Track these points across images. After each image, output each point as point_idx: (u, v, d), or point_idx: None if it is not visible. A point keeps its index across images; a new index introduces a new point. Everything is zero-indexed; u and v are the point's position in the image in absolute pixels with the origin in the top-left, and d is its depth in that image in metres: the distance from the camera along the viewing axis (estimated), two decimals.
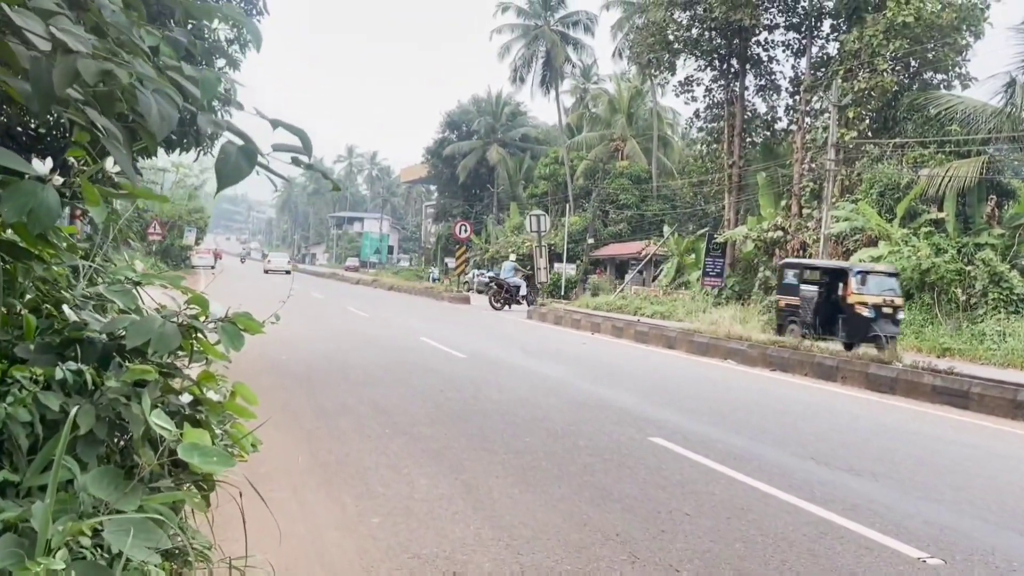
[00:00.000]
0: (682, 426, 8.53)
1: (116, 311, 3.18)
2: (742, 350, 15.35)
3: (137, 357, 2.92)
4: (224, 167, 1.81)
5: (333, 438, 7.30)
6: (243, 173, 1.84)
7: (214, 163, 1.84)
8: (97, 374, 2.75)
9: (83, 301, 3.14)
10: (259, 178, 2.25)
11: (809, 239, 30.58)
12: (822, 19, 33.79)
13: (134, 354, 2.88)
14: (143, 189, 2.75)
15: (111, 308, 3.25)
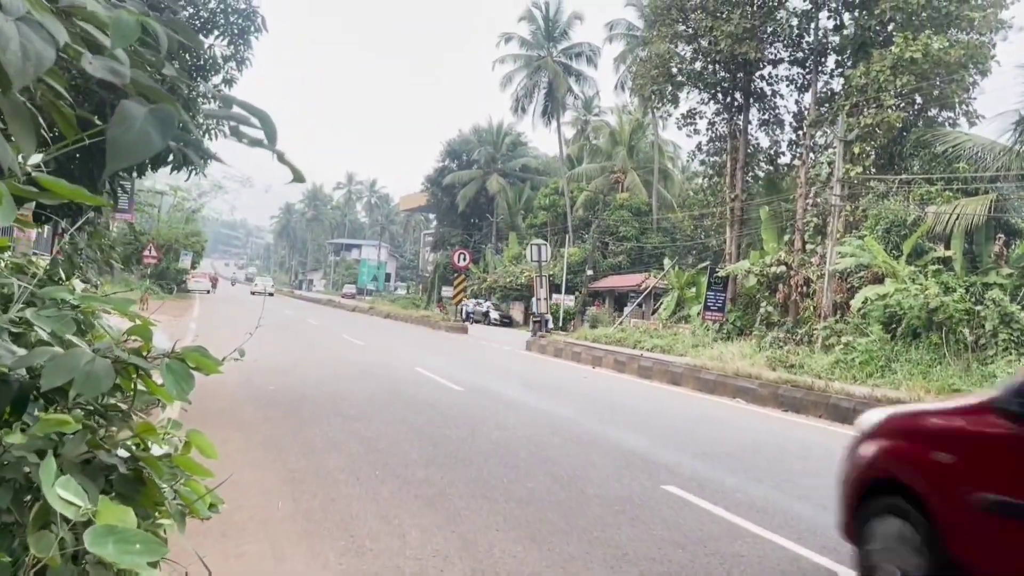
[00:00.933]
0: (697, 472, 7.90)
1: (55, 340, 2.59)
2: (752, 389, 14.73)
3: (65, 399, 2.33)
4: (122, 135, 1.24)
5: (319, 480, 6.66)
6: (152, 145, 1.26)
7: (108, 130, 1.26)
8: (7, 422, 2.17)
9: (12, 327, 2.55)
10: (259, 202, 1.78)
11: (813, 274, 30.08)
12: (826, 55, 33.57)
13: (63, 396, 2.29)
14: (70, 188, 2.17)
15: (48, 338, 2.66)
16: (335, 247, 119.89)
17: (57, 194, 2.15)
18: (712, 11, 33.01)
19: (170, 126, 1.26)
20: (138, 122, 1.19)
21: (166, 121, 1.26)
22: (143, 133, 1.19)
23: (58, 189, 2.13)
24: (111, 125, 1.19)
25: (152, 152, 1.22)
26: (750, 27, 31.88)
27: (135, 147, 1.17)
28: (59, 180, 2.11)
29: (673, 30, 34.97)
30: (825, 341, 25.71)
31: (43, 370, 2.13)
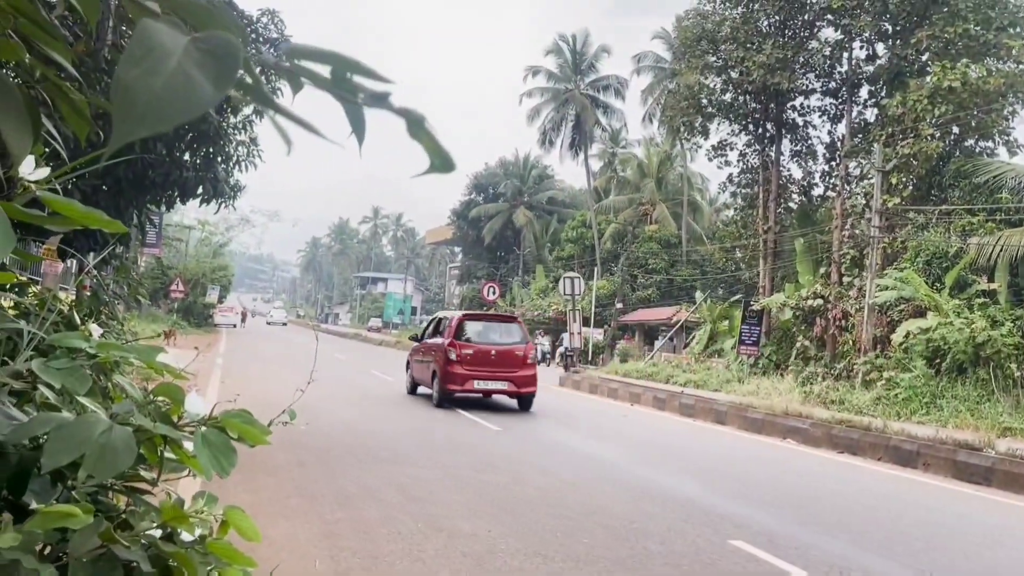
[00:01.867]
0: (764, 525, 7.30)
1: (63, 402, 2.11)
2: (803, 428, 14.05)
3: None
4: (144, 79, 0.68)
5: (358, 534, 6.14)
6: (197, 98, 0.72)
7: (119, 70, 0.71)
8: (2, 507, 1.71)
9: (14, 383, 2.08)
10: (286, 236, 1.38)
11: (851, 308, 29.35)
12: (860, 85, 33.09)
13: (74, 469, 1.82)
14: (83, 210, 1.69)
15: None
16: (361, 281, 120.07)
17: (68, 218, 1.67)
18: (743, 42, 32.67)
19: (229, 68, 0.75)
20: (173, 57, 0.67)
21: (224, 59, 0.74)
22: (181, 77, 0.66)
23: (69, 212, 1.65)
24: (124, 61, 0.67)
25: (196, 110, 0.69)
26: (783, 57, 31.49)
27: (166, 102, 0.64)
28: (71, 201, 1.63)
29: (703, 61, 34.64)
30: (866, 376, 24.93)
31: (46, 444, 1.66)
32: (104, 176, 8.93)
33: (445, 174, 0.89)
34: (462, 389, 16.53)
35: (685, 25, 35.67)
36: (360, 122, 1.16)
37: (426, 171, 0.88)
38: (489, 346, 16.86)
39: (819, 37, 32.89)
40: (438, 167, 0.87)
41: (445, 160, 0.87)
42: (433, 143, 0.86)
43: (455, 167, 0.89)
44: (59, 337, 2.24)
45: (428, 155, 0.87)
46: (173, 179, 9.03)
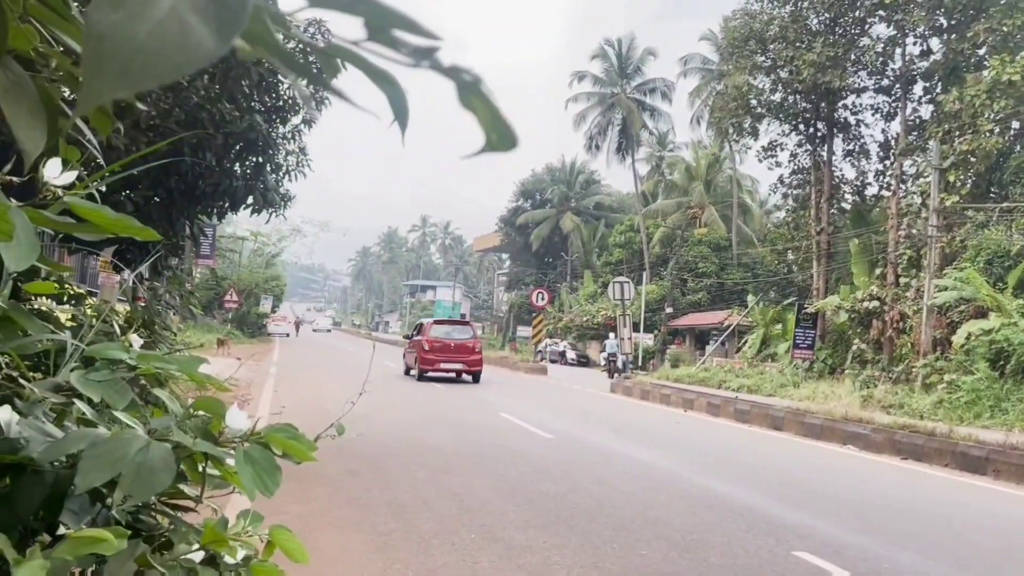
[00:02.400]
0: (829, 535, 7.02)
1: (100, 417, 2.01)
2: (864, 434, 13.63)
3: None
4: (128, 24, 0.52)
5: (412, 546, 6.03)
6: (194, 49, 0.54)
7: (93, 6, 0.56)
8: (35, 530, 1.62)
9: (51, 396, 1.98)
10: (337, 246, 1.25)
11: (908, 309, 28.64)
12: (914, 81, 32.32)
13: (113, 486, 1.71)
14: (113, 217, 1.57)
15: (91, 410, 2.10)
16: (410, 289, 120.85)
17: (97, 226, 1.56)
18: (793, 41, 32.16)
19: (236, 12, 0.59)
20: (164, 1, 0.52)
21: (227, 3, 0.58)
22: (174, 24, 0.51)
23: (98, 219, 1.53)
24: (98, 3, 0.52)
25: (192, 64, 0.54)
26: (833, 55, 30.90)
27: (154, 53, 0.50)
28: (99, 207, 1.51)
29: (751, 62, 34.18)
30: (926, 379, 24.29)
31: (80, 463, 1.55)
32: (156, 187, 8.98)
33: (505, 152, 0.73)
34: (432, 369, 24.38)
35: (732, 25, 35.25)
36: (403, 106, 1.02)
37: (481, 150, 0.72)
38: (450, 340, 24.68)
39: (871, 34, 32.25)
40: (495, 144, 0.71)
41: (505, 134, 0.71)
42: (490, 113, 0.70)
43: (517, 143, 0.72)
44: (98, 348, 2.14)
45: (483, 129, 0.71)
46: (223, 189, 9.05)
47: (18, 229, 1.41)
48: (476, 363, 24.80)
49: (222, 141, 8.55)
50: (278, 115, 10.97)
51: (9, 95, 1.02)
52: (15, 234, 1.41)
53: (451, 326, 26.15)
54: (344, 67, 1.02)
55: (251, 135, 8.82)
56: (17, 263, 1.43)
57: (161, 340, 8.53)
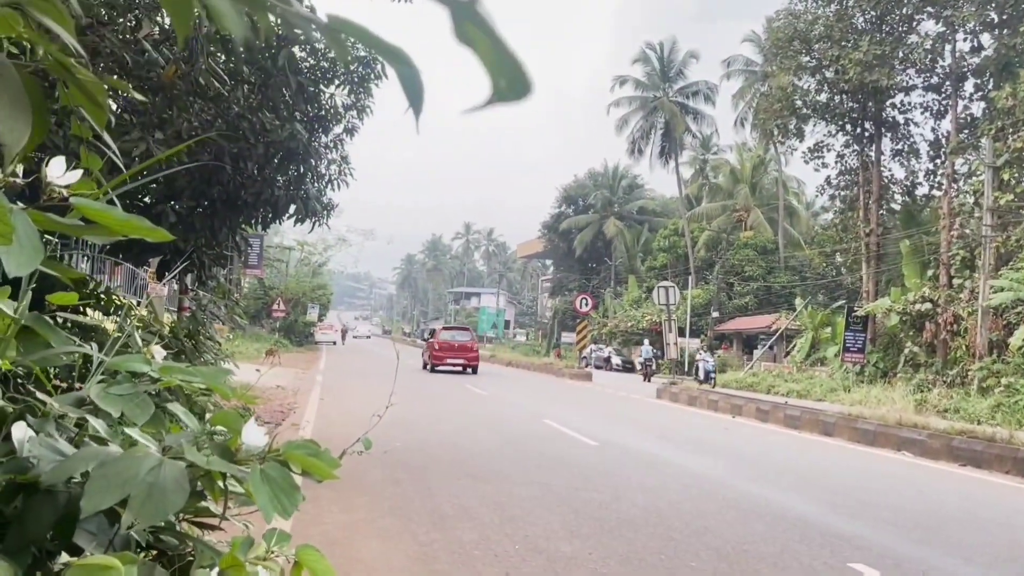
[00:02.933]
0: (887, 546, 6.77)
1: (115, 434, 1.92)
2: (920, 440, 13.24)
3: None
4: None
5: (453, 557, 5.93)
6: None
7: None
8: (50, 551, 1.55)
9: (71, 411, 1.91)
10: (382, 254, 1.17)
11: (963, 311, 27.91)
12: (965, 78, 31.56)
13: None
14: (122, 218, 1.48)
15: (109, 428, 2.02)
16: (455, 296, 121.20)
17: (105, 228, 1.48)
18: (838, 40, 31.64)
19: None
20: None
21: None
22: None
23: (105, 220, 1.44)
24: None
25: None
26: (880, 54, 30.31)
27: None
28: (107, 208, 1.42)
29: (796, 62, 33.69)
30: (982, 383, 23.64)
31: (87, 483, 1.47)
32: (198, 198, 9.03)
33: (516, 101, 0.60)
34: (441, 363, 32.21)
35: (776, 26, 34.79)
36: (416, 86, 0.91)
37: (488, 101, 0.60)
38: (454, 342, 33.09)
39: (919, 31, 31.61)
40: (504, 92, 0.58)
41: (514, 78, 0.58)
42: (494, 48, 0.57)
43: (530, 88, 0.59)
44: (120, 360, 2.07)
45: (488, 73, 0.58)
46: (264, 198, 9.06)
47: (19, 232, 1.33)
48: (474, 359, 33.18)
49: (263, 151, 8.55)
50: (319, 124, 10.99)
51: None
52: (16, 237, 1.33)
53: (455, 331, 35.28)
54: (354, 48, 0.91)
55: (292, 144, 8.82)
56: (19, 268, 1.35)
57: (205, 350, 8.53)
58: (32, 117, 0.99)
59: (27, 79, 1.01)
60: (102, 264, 15.19)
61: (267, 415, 12.72)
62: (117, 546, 1.61)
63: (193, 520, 2.06)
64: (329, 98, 11.07)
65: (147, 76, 7.07)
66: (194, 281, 12.01)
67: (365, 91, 11.10)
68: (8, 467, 1.59)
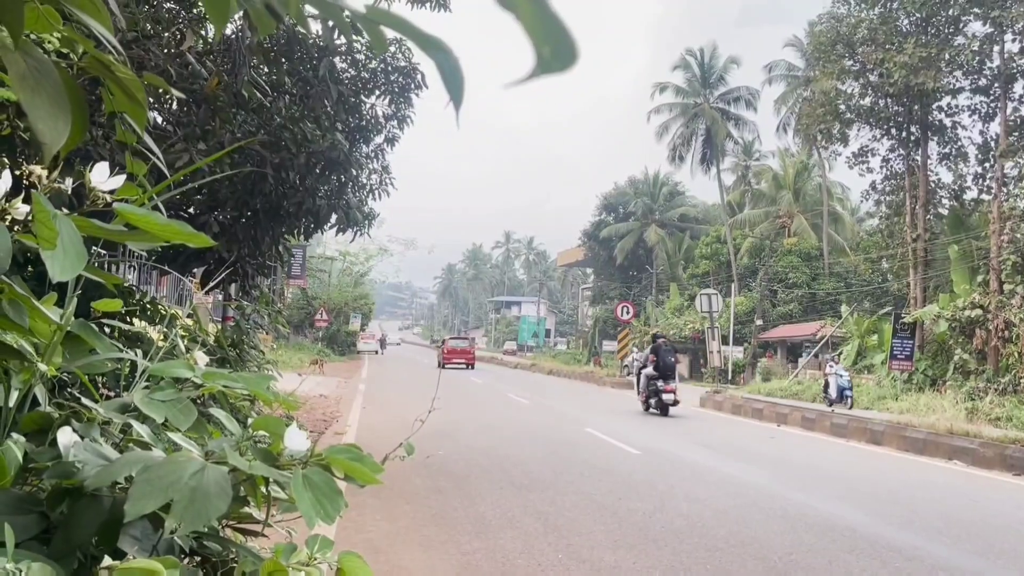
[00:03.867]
0: (940, 558, 6.61)
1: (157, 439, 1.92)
2: (972, 448, 12.93)
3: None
4: None
5: (496, 566, 5.89)
6: None
7: None
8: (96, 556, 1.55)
9: (115, 417, 1.91)
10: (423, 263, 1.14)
11: (1015, 317, 27.26)
12: (1014, 79, 30.91)
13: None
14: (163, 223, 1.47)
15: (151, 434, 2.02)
16: (495, 305, 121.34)
17: (147, 233, 1.48)
18: (882, 43, 31.17)
19: None
20: None
21: None
22: None
23: (147, 225, 1.43)
24: None
25: None
26: (926, 56, 29.80)
27: None
28: (148, 213, 1.42)
29: (839, 66, 33.26)
30: None
31: (131, 488, 1.47)
32: (241, 208, 9.12)
33: (562, 71, 0.57)
34: (448, 363, 43.67)
35: (819, 30, 34.42)
36: (456, 76, 0.89)
37: (533, 72, 0.57)
38: (457, 348, 47.44)
39: (965, 32, 31.01)
40: (550, 61, 0.55)
41: (561, 46, 0.55)
42: (540, 14, 0.54)
43: (577, 56, 0.56)
44: (163, 367, 2.07)
45: (532, 41, 0.55)
46: (306, 208, 9.13)
47: (63, 237, 1.33)
48: (472, 359, 47.54)
49: (305, 160, 8.62)
50: (360, 134, 11.07)
51: (27, 82, 0.93)
52: (60, 242, 1.33)
53: (458, 340, 51.87)
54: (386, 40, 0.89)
55: (333, 154, 8.88)
56: (63, 272, 1.35)
57: (249, 359, 8.62)
58: (72, 116, 0.99)
59: (67, 78, 1.00)
60: (148, 275, 15.43)
61: (310, 424, 12.81)
62: (161, 551, 1.61)
63: (236, 526, 2.05)
64: (370, 108, 11.14)
65: (191, 88, 7.17)
66: (238, 291, 12.15)
67: (405, 101, 11.15)
68: (54, 472, 1.60)
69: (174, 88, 7.57)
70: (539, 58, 0.56)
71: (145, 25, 6.61)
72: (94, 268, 1.72)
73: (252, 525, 1.98)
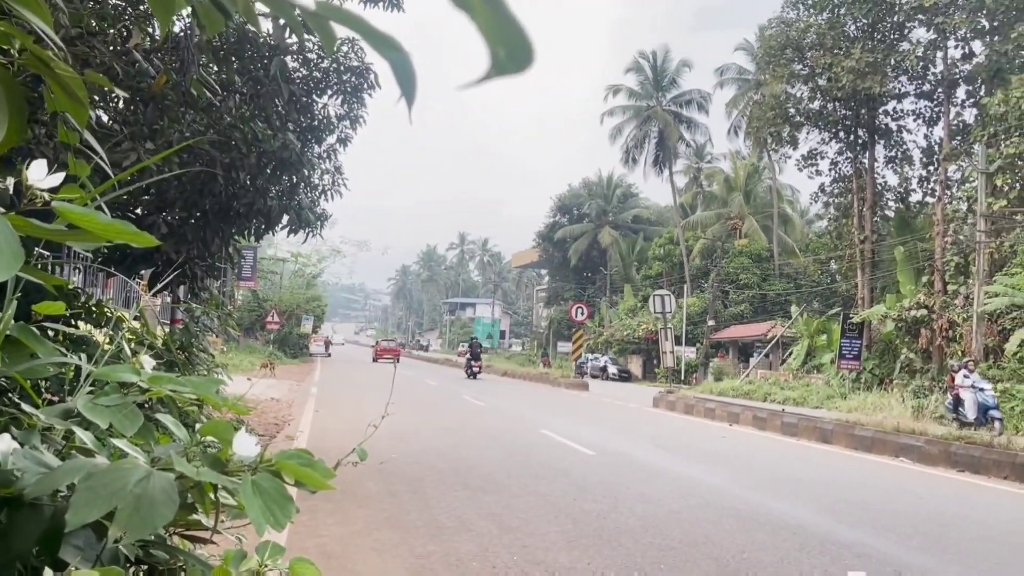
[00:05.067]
0: (888, 554, 6.73)
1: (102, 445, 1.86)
2: (918, 446, 13.21)
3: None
4: None
5: (450, 570, 5.86)
6: None
7: None
8: (36, 568, 1.50)
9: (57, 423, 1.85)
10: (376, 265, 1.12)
11: (958, 317, 27.91)
12: (956, 85, 31.68)
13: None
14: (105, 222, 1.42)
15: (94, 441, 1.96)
16: (450, 306, 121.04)
17: (90, 232, 1.43)
18: (831, 48, 31.74)
19: None
20: None
21: None
22: None
23: (88, 224, 1.40)
24: None
25: None
26: (873, 61, 30.41)
27: None
28: (89, 212, 1.38)
29: (788, 70, 33.81)
30: None
31: (73, 496, 1.42)
32: (190, 209, 8.98)
33: (517, 73, 0.55)
34: (380, 359, 58.09)
35: (768, 34, 34.95)
36: (409, 74, 0.87)
37: (488, 74, 0.55)
38: (387, 347, 62.47)
39: (910, 38, 31.75)
40: (504, 62, 0.54)
41: (516, 47, 0.53)
42: (494, 14, 0.53)
43: (532, 58, 0.54)
44: (107, 371, 2.00)
45: (487, 43, 0.54)
46: (257, 208, 9.01)
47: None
48: (398, 355, 59.63)
49: (255, 160, 8.51)
50: (312, 134, 10.95)
51: None
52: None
53: (388, 342, 68.90)
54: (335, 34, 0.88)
55: (284, 154, 8.77)
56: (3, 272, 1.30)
57: (199, 362, 8.47)
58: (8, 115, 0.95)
59: (3, 75, 0.96)
60: (95, 277, 15.10)
61: (261, 428, 12.65)
62: (105, 561, 1.56)
63: (185, 533, 2.01)
64: (322, 108, 11.03)
65: (138, 86, 7.03)
66: (187, 293, 11.95)
67: (358, 101, 11.06)
68: None
69: (120, 87, 7.41)
70: (494, 59, 0.54)
71: (90, 21, 6.46)
72: (34, 269, 1.66)
73: (201, 532, 1.94)
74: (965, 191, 29.16)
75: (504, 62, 0.54)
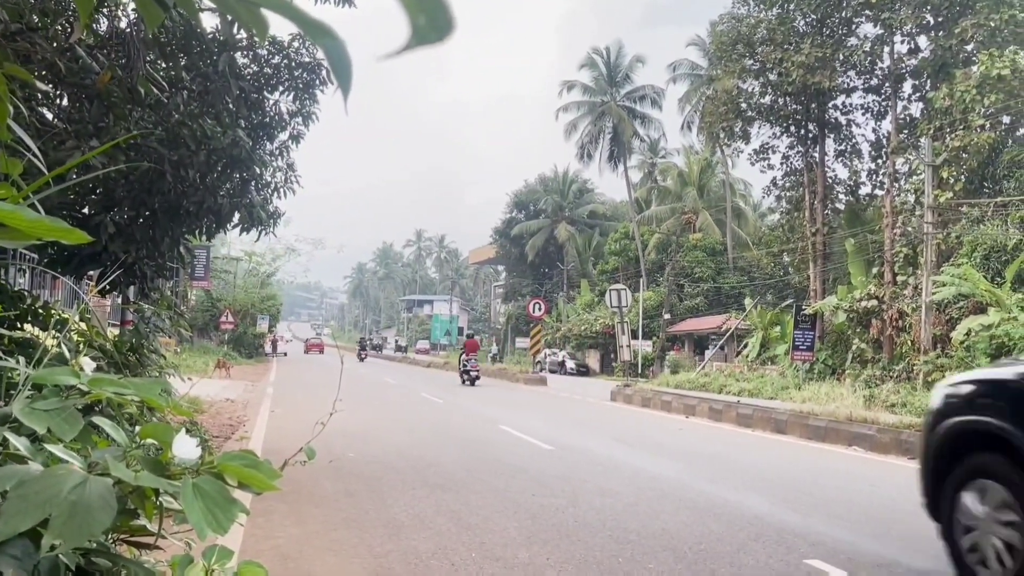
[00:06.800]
0: (841, 541, 6.82)
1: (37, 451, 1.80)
2: (870, 435, 13.44)
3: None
4: None
5: (409, 568, 5.82)
6: None
7: None
8: None
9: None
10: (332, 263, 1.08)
11: (907, 307, 28.46)
12: (903, 79, 32.29)
13: None
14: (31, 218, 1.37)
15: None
16: (407, 304, 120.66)
17: (16, 230, 1.37)
18: (781, 43, 32.15)
19: None
20: None
21: None
22: None
23: (14, 221, 1.35)
24: None
25: None
26: (822, 56, 30.86)
27: None
28: (17, 208, 1.33)
29: (740, 65, 34.17)
30: (927, 377, 24.11)
31: (4, 505, 1.37)
32: (138, 208, 8.80)
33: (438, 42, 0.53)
34: (309, 352, 77.51)
35: (720, 30, 35.29)
36: (343, 62, 0.84)
37: (408, 43, 0.54)
38: (315, 342, 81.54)
39: (858, 33, 32.33)
40: (424, 31, 0.52)
41: (435, 14, 0.52)
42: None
43: (453, 26, 0.53)
44: (45, 373, 1.95)
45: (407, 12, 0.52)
46: (207, 207, 8.86)
47: None
48: (321, 348, 76.50)
49: (205, 158, 8.36)
50: (264, 131, 10.80)
51: None
52: None
53: (315, 338, 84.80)
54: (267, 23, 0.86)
55: (235, 151, 8.63)
56: None
57: (150, 364, 8.31)
58: None
59: None
60: (42, 279, 14.75)
61: (216, 429, 12.46)
62: (43, 570, 1.51)
63: (130, 540, 1.95)
64: (273, 105, 10.89)
65: (82, 83, 6.87)
66: (137, 293, 11.72)
67: (310, 97, 10.93)
68: None
69: (63, 84, 7.23)
70: (414, 28, 0.52)
71: (31, 16, 6.30)
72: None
73: (146, 538, 1.89)
74: (912, 184, 29.71)
75: (425, 30, 0.53)
